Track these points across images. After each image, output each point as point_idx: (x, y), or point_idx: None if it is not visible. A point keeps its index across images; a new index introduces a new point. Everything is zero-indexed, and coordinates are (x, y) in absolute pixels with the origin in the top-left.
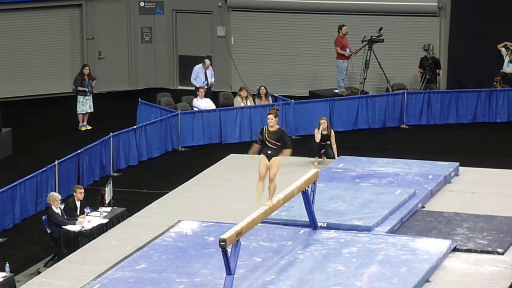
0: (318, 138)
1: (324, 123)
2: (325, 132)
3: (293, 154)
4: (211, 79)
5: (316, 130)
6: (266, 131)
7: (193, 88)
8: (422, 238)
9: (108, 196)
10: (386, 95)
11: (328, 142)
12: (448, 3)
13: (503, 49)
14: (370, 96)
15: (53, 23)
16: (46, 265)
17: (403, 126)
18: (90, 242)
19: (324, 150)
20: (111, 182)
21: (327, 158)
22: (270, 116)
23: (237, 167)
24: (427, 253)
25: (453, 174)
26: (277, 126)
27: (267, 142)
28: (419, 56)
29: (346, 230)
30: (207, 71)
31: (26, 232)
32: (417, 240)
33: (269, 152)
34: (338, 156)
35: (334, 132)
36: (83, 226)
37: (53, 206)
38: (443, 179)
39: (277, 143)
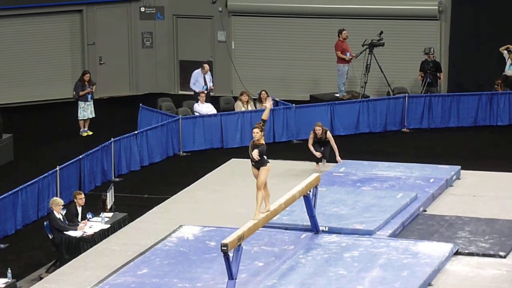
0: (310, 140)
1: (319, 130)
2: (319, 137)
3: (294, 158)
4: (209, 84)
5: (311, 135)
6: (251, 144)
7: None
8: (424, 241)
9: (109, 202)
10: (387, 98)
11: (327, 140)
12: (449, 7)
13: (505, 52)
14: (371, 100)
15: (53, 28)
16: (48, 271)
17: (404, 129)
18: (92, 248)
19: (322, 148)
20: (113, 187)
21: (323, 157)
22: (256, 130)
23: (238, 171)
24: (429, 256)
25: (454, 177)
26: (262, 142)
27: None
28: (420, 59)
29: (347, 234)
30: (205, 76)
31: (27, 238)
32: (419, 243)
33: (253, 163)
34: (339, 157)
35: (335, 136)
36: (84, 232)
37: (54, 212)
38: (444, 182)
39: (254, 159)
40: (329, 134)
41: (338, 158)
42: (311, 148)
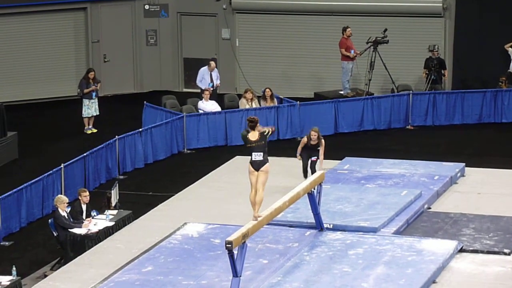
0: (301, 145)
1: (314, 134)
2: (313, 143)
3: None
4: (216, 81)
5: (304, 139)
6: (250, 137)
7: (199, 91)
8: (428, 239)
9: (114, 199)
10: (391, 96)
11: (318, 149)
12: (453, 4)
13: (510, 49)
14: (375, 97)
15: (58, 26)
16: (53, 269)
17: (409, 127)
18: (96, 245)
19: (313, 158)
20: (117, 185)
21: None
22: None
23: (242, 169)
24: (434, 254)
25: (459, 174)
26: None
27: (254, 145)
28: (424, 57)
29: (352, 232)
30: (212, 73)
31: (32, 235)
32: (424, 241)
33: (255, 159)
34: (321, 167)
35: (339, 133)
36: (89, 229)
37: (59, 209)
38: (449, 180)
39: (263, 141)
40: (323, 142)
41: (320, 166)
42: (298, 152)
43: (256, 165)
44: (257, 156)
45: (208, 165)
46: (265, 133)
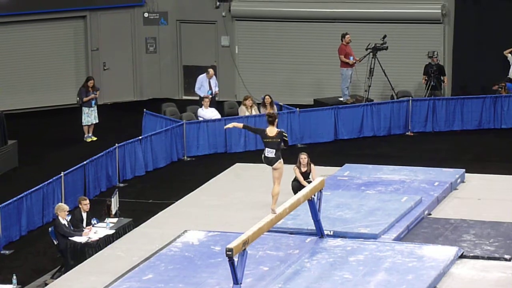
0: (300, 177)
1: (304, 158)
2: (304, 169)
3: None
4: (215, 89)
5: (295, 167)
6: (268, 132)
7: (198, 98)
8: (429, 245)
9: (114, 207)
10: (391, 102)
11: (310, 179)
12: (452, 10)
13: (509, 55)
14: (375, 103)
15: (57, 34)
16: (53, 277)
17: (409, 133)
18: (97, 253)
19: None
20: (117, 192)
21: None
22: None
23: (242, 176)
24: (434, 260)
25: (459, 180)
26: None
27: (269, 141)
28: (424, 63)
29: (352, 238)
30: (211, 80)
31: (33, 244)
32: (424, 247)
33: (268, 155)
34: None
35: (339, 140)
36: (89, 237)
37: (59, 217)
38: (449, 186)
39: (279, 139)
40: (313, 167)
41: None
42: (306, 183)
43: (268, 161)
44: (270, 152)
45: (208, 172)
46: (283, 133)
